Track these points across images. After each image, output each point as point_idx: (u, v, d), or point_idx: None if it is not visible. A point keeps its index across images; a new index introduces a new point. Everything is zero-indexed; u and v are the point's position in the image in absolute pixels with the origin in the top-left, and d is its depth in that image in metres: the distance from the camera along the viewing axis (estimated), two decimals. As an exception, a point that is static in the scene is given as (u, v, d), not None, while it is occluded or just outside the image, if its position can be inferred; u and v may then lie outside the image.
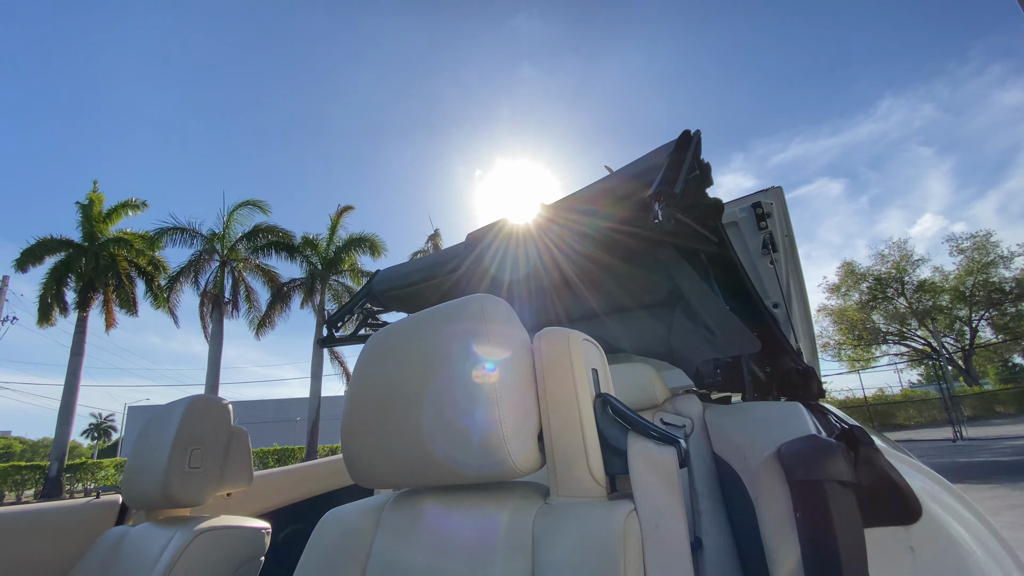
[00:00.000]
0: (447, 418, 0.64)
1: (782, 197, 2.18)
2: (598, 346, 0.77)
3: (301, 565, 0.77)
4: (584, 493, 0.64)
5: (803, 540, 0.38)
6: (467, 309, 0.70)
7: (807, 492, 0.39)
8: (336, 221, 18.33)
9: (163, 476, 1.18)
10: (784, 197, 2.20)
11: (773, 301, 2.52)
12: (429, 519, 0.71)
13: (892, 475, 0.40)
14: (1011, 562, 0.44)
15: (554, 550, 0.57)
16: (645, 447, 0.63)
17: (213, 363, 16.81)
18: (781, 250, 2.28)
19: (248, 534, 1.19)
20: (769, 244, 2.24)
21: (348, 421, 0.76)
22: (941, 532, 0.40)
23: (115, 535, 1.28)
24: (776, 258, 2.29)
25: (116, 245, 16.19)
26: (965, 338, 26.64)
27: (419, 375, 0.69)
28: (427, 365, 0.69)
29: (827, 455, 0.40)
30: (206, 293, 17.05)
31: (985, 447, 10.37)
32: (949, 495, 0.49)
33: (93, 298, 16.07)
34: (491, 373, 0.63)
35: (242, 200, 17.48)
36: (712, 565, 1.13)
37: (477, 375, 0.63)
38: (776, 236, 2.24)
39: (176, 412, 1.28)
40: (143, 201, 17.09)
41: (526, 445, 0.64)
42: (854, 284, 28.11)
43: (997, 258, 24.71)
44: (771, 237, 2.23)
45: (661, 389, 1.49)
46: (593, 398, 0.69)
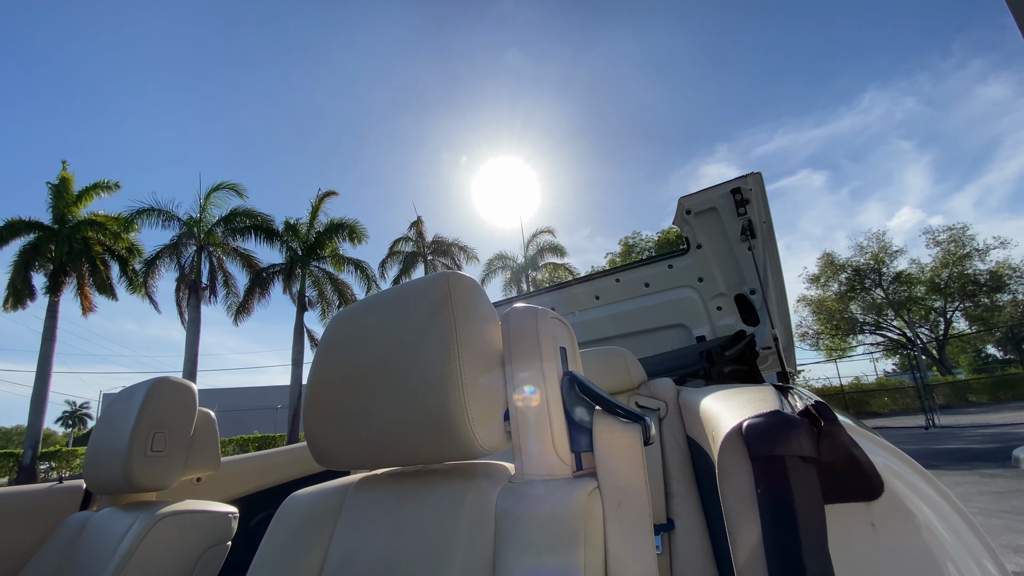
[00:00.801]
0: (411, 398, 0.63)
1: (761, 183, 2.18)
2: (567, 325, 0.76)
3: (262, 548, 0.75)
4: (549, 471, 0.64)
5: (764, 516, 0.37)
6: (433, 286, 0.68)
7: (769, 468, 0.38)
8: (317, 206, 18.02)
9: (124, 460, 1.14)
10: (763, 183, 2.20)
11: (750, 287, 2.50)
12: (393, 500, 0.70)
13: (854, 451, 0.39)
14: (973, 537, 0.45)
15: (516, 527, 0.57)
16: (610, 425, 0.63)
17: (190, 349, 16.51)
18: (759, 236, 2.28)
19: (214, 518, 1.15)
20: (748, 231, 2.23)
21: (311, 402, 0.74)
22: (902, 508, 0.40)
23: (77, 520, 1.25)
24: (754, 244, 2.29)
25: (89, 227, 15.70)
26: (939, 329, 27.34)
27: (383, 354, 0.67)
28: (391, 344, 0.67)
29: (789, 430, 0.39)
30: (182, 278, 16.69)
31: (956, 435, 10.65)
32: (913, 472, 0.48)
33: (64, 282, 15.60)
34: (457, 351, 0.62)
35: (219, 182, 17.08)
36: (684, 545, 1.16)
37: (442, 354, 0.62)
38: (755, 222, 2.24)
39: (138, 394, 1.23)
40: (115, 182, 16.50)
41: (492, 424, 0.64)
42: (833, 275, 28.59)
43: (973, 251, 25.31)
44: (750, 224, 2.23)
45: (637, 372, 1.52)
46: (560, 376, 0.68)
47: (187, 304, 16.73)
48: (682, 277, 2.66)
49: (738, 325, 2.66)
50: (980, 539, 0.46)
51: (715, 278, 2.57)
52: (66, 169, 15.91)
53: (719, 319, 2.68)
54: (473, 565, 0.57)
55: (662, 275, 2.68)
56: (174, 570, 1.06)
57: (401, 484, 0.72)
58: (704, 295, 2.67)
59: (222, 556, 1.16)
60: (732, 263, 2.48)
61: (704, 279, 2.61)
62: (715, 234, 2.41)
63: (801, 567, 0.35)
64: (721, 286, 2.58)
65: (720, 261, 2.51)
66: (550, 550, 0.53)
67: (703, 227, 2.40)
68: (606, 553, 0.56)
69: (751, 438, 0.41)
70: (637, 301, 2.84)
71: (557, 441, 0.64)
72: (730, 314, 2.64)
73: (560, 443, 0.65)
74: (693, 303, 2.70)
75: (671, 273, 2.65)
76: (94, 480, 1.25)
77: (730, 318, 2.65)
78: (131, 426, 1.17)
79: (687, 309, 2.73)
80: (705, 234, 2.43)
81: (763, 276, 2.35)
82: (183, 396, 1.30)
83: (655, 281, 2.73)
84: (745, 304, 2.56)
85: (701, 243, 2.46)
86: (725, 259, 2.49)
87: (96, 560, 1.07)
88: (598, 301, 2.92)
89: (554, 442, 0.64)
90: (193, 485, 1.51)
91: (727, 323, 2.67)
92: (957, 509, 0.48)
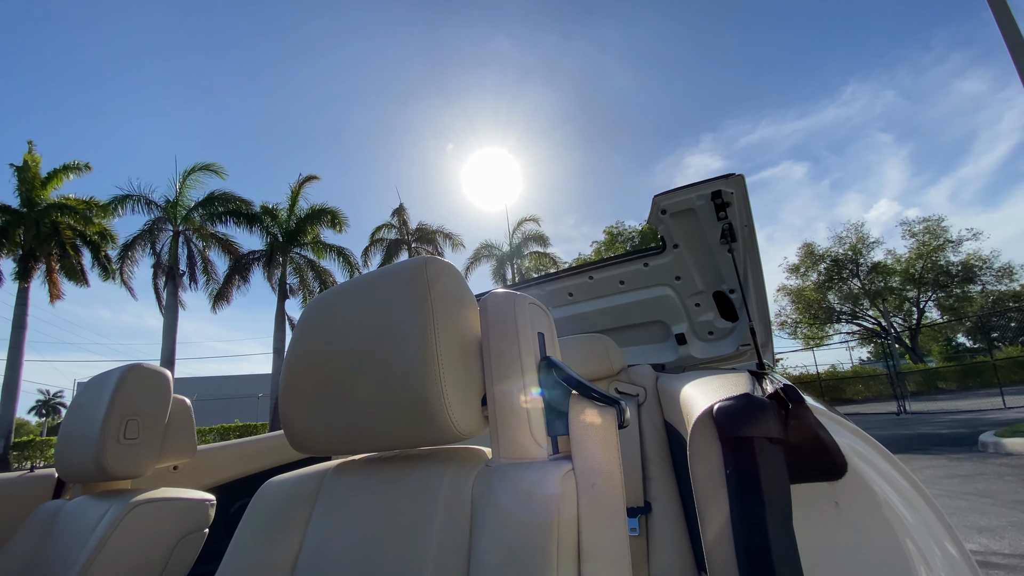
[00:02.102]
0: (389, 383, 0.63)
1: (743, 186, 2.10)
2: (546, 310, 0.76)
3: (238, 533, 0.75)
4: (525, 455, 0.64)
5: (732, 494, 0.39)
6: (411, 271, 0.67)
7: (737, 448, 0.40)
8: (297, 191, 17.67)
9: (96, 448, 1.12)
10: (746, 185, 2.10)
11: (729, 287, 2.50)
12: (370, 485, 0.70)
13: (820, 433, 0.41)
14: (933, 516, 0.47)
15: (491, 510, 0.58)
16: (586, 409, 0.64)
17: (168, 337, 16.19)
18: (740, 240, 2.22)
19: (190, 506, 1.15)
20: (728, 234, 2.18)
21: (287, 387, 0.74)
22: (864, 487, 0.42)
23: (50, 509, 1.23)
24: (735, 247, 2.24)
25: (58, 211, 15.15)
26: (912, 318, 28.11)
27: (360, 340, 0.67)
28: (369, 329, 0.67)
29: (758, 413, 0.41)
30: (159, 264, 16.29)
31: (927, 420, 11.00)
32: (876, 454, 0.50)
33: (35, 268, 15.09)
34: (434, 336, 0.62)
35: (195, 164, 16.62)
36: (660, 526, 1.19)
37: (420, 339, 0.62)
38: (736, 226, 2.18)
39: (110, 381, 1.20)
40: (86, 164, 15.91)
41: (469, 409, 0.64)
42: (812, 265, 29.13)
43: (946, 242, 25.97)
44: (730, 228, 2.17)
45: (617, 359, 1.55)
46: (538, 361, 0.69)
47: (164, 291, 16.36)
48: (658, 276, 2.61)
49: (717, 321, 2.67)
50: (940, 519, 0.48)
51: (693, 277, 2.54)
52: (32, 150, 15.28)
53: (697, 315, 2.68)
54: (449, 547, 0.58)
55: (638, 273, 2.63)
56: (150, 557, 1.05)
57: (379, 469, 0.72)
58: (682, 293, 2.65)
59: (199, 543, 1.16)
60: (711, 263, 2.44)
61: (681, 278, 2.57)
62: (693, 235, 2.35)
63: (766, 543, 0.36)
64: (699, 284, 2.56)
65: (698, 261, 2.46)
66: (524, 531, 0.54)
67: (680, 227, 2.33)
68: (579, 534, 0.57)
69: (721, 420, 0.42)
70: (612, 299, 2.78)
71: (533, 425, 0.65)
72: (708, 310, 2.64)
73: (536, 427, 0.65)
74: (671, 300, 2.68)
75: (647, 271, 2.59)
76: (66, 468, 1.22)
77: (708, 314, 2.66)
78: (103, 413, 1.15)
79: (664, 306, 2.71)
80: (682, 234, 2.36)
81: (743, 278, 2.34)
82: (157, 383, 1.27)
83: (630, 279, 2.68)
84: (724, 300, 2.56)
85: (678, 243, 2.40)
86: (703, 259, 2.45)
87: (69, 548, 1.05)
88: (571, 298, 2.86)
89: (530, 426, 0.65)
90: (170, 473, 1.49)
91: (706, 319, 2.68)
92: (919, 490, 0.50)
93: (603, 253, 24.89)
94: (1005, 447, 5.91)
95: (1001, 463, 5.34)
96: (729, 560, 0.39)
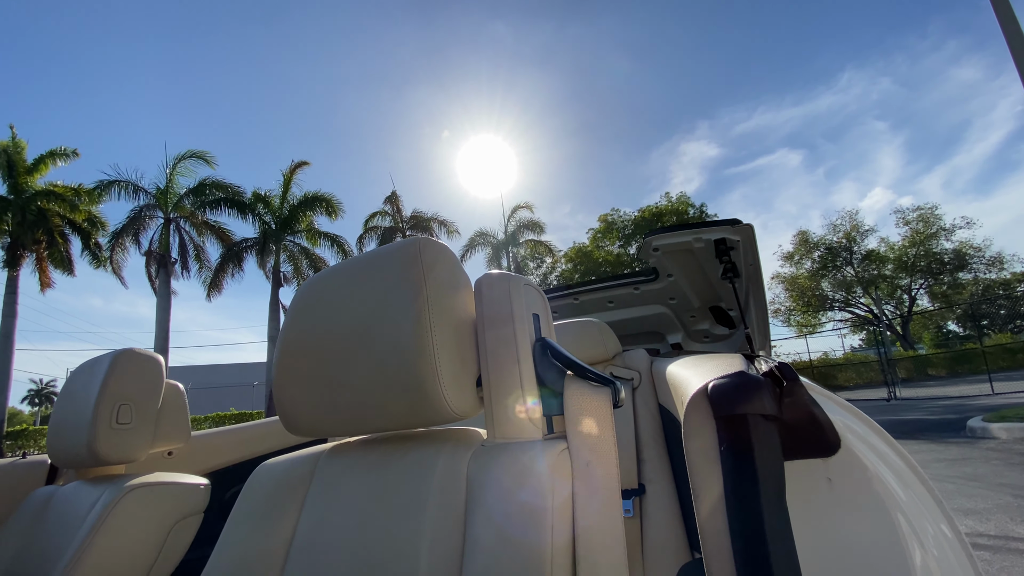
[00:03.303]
0: (383, 364, 0.62)
1: (752, 234, 1.96)
2: (541, 292, 0.76)
3: (232, 516, 0.75)
4: (520, 435, 0.65)
5: (726, 472, 0.40)
6: (404, 252, 0.67)
7: (732, 426, 0.40)
8: (289, 178, 17.48)
9: (88, 433, 1.11)
10: (755, 233, 1.96)
11: (727, 306, 2.48)
12: (365, 466, 0.70)
13: (814, 410, 0.41)
14: (927, 494, 0.48)
15: (486, 489, 0.58)
16: (581, 389, 0.64)
17: (161, 326, 16.09)
18: (744, 276, 2.13)
19: (185, 490, 1.14)
20: (730, 272, 2.09)
21: (280, 370, 0.73)
22: (857, 463, 0.42)
23: (43, 495, 1.23)
24: (738, 282, 2.15)
25: (45, 198, 14.90)
26: (904, 305, 28.38)
27: (353, 321, 0.67)
28: (361, 310, 0.67)
29: (753, 390, 0.41)
30: (151, 252, 16.12)
31: (916, 406, 11.16)
32: (871, 431, 0.50)
33: (23, 256, 14.90)
34: (428, 317, 0.62)
35: (185, 151, 16.38)
36: (654, 508, 1.20)
37: (413, 319, 0.61)
38: (739, 265, 2.08)
39: (101, 366, 1.20)
40: (73, 150, 15.62)
41: (464, 389, 0.64)
42: (807, 253, 29.28)
43: (939, 230, 26.13)
44: (733, 267, 2.07)
45: (612, 344, 1.54)
46: (533, 342, 0.69)
47: (156, 279, 16.22)
48: (651, 298, 2.53)
49: (714, 328, 2.64)
50: (934, 497, 0.48)
51: (688, 299, 2.47)
52: (15, 136, 14.99)
53: (693, 325, 2.67)
54: (444, 527, 0.58)
55: (628, 295, 2.54)
56: (145, 541, 1.05)
57: (373, 450, 0.72)
58: (677, 310, 2.59)
59: (194, 527, 1.16)
60: (708, 289, 2.35)
61: (676, 299, 2.51)
62: (690, 269, 2.24)
63: (760, 518, 0.36)
64: (695, 303, 2.50)
65: (694, 286, 2.38)
66: (518, 510, 0.54)
67: (675, 262, 2.22)
68: (574, 512, 0.57)
69: (716, 398, 0.42)
70: (602, 315, 2.68)
71: (529, 405, 0.66)
72: (704, 320, 2.62)
73: (531, 407, 0.66)
74: (665, 316, 2.63)
75: (638, 294, 2.51)
76: (58, 454, 1.22)
77: (704, 323, 2.64)
78: (94, 398, 1.14)
79: (660, 321, 2.65)
80: (677, 267, 2.26)
81: (744, 305, 2.27)
82: (149, 368, 1.26)
83: (620, 300, 2.59)
84: (720, 312, 2.53)
85: (672, 274, 2.30)
86: (700, 285, 2.35)
87: (63, 533, 1.05)
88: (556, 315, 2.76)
89: (526, 406, 0.65)
90: (165, 459, 1.49)
91: (702, 328, 2.67)
92: (913, 468, 0.50)
93: (599, 240, 24.86)
94: (992, 432, 6.00)
95: (988, 447, 5.43)
96: (723, 535, 0.39)
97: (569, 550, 0.55)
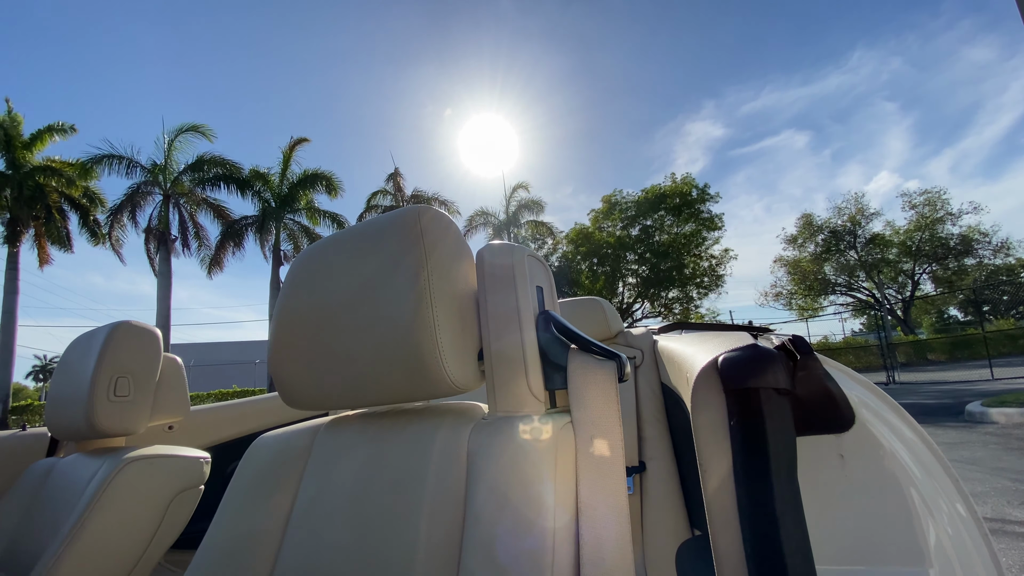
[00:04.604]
0: (382, 336, 0.61)
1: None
2: (545, 264, 0.75)
3: (231, 488, 0.75)
4: (522, 409, 0.64)
5: (735, 447, 0.39)
6: (402, 220, 0.65)
7: (742, 400, 0.39)
8: (288, 155, 17.30)
9: (86, 405, 1.11)
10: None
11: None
12: (364, 439, 0.69)
13: (828, 384, 0.40)
14: (942, 472, 0.46)
15: (487, 462, 0.57)
16: (585, 362, 0.63)
17: (162, 303, 16.15)
18: None
19: (184, 462, 1.14)
20: None
21: (277, 342, 0.72)
22: (871, 440, 0.41)
23: (43, 467, 1.24)
24: None
25: (43, 174, 14.80)
26: (906, 290, 28.30)
27: (351, 291, 0.65)
28: (360, 280, 0.65)
29: (765, 364, 0.39)
30: (150, 229, 16.07)
31: (914, 390, 11.19)
32: (886, 407, 0.49)
33: (23, 232, 14.87)
34: (428, 287, 0.60)
35: (183, 124, 16.16)
36: (655, 485, 1.21)
37: (413, 289, 0.60)
38: None
39: (98, 338, 1.19)
40: (71, 125, 15.42)
41: (465, 362, 0.63)
42: (810, 236, 29.08)
43: (946, 215, 25.88)
44: None
45: (615, 322, 1.53)
46: (536, 315, 0.67)
47: (156, 256, 16.21)
48: None
49: None
50: (949, 474, 0.46)
51: None
52: (11, 109, 14.81)
53: None
54: (444, 500, 0.57)
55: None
56: (144, 514, 1.06)
57: (373, 424, 0.71)
58: None
59: (194, 501, 1.16)
60: None
61: None
62: None
63: (770, 494, 0.36)
64: None
65: None
66: (520, 483, 0.54)
67: None
68: (577, 486, 0.57)
69: (726, 371, 0.40)
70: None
71: (531, 379, 0.64)
72: None
73: (534, 381, 0.65)
74: None
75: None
76: (57, 426, 1.22)
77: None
78: (91, 370, 1.13)
79: None
80: None
81: None
82: (146, 340, 1.25)
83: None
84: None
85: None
86: None
87: (62, 504, 1.05)
88: None
89: (528, 380, 0.64)
90: (165, 433, 1.49)
91: None
92: (929, 446, 0.48)
93: (600, 221, 24.70)
94: (991, 416, 6.01)
95: (986, 432, 5.44)
96: (730, 511, 0.38)
97: (572, 524, 0.55)
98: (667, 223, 23.14)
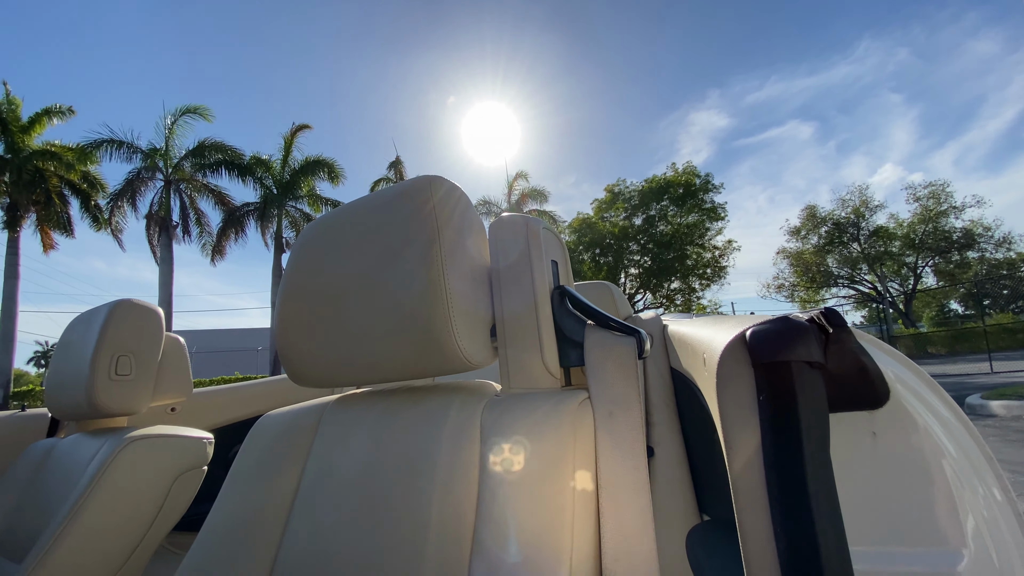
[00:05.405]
0: (393, 310, 0.59)
1: None
2: (559, 237, 0.73)
3: (235, 465, 0.73)
4: (537, 385, 0.63)
5: (764, 423, 0.37)
6: (414, 190, 0.62)
7: (772, 374, 0.37)
8: (290, 141, 17.16)
9: (87, 384, 1.09)
10: None
11: None
12: (373, 416, 0.67)
13: (863, 358, 0.38)
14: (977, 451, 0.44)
15: (502, 439, 0.56)
16: (603, 338, 0.61)
17: (164, 290, 16.15)
18: None
19: (187, 443, 1.13)
20: None
21: (283, 317, 0.70)
22: (906, 417, 0.40)
23: (43, 447, 1.22)
24: None
25: (42, 158, 14.70)
26: (908, 283, 28.21)
27: (361, 264, 0.63)
28: (370, 253, 0.63)
29: (796, 335, 0.37)
30: (151, 215, 16.02)
31: (914, 383, 11.19)
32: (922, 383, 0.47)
33: (24, 217, 14.81)
34: (440, 260, 0.58)
35: (184, 106, 15.98)
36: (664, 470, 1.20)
37: (425, 262, 0.58)
38: None
39: (98, 317, 1.17)
40: (69, 107, 15.25)
41: (477, 337, 0.62)
42: (814, 228, 28.91)
43: (950, 208, 25.71)
44: None
45: (624, 306, 1.51)
46: (551, 289, 0.66)
47: (158, 243, 16.18)
48: None
49: None
50: (984, 455, 0.44)
51: None
52: (9, 92, 14.66)
53: None
54: (456, 478, 0.56)
55: None
56: (146, 493, 1.04)
57: (382, 400, 0.69)
58: None
59: (197, 481, 1.14)
60: None
61: None
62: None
63: (803, 471, 0.35)
64: None
65: None
66: (538, 459, 0.52)
67: None
68: (596, 463, 0.56)
69: (755, 344, 0.38)
70: None
71: (546, 355, 0.63)
72: None
73: (549, 356, 0.63)
74: None
75: None
76: (57, 406, 1.21)
77: None
78: (92, 349, 1.11)
79: None
80: None
81: None
82: (148, 319, 1.23)
83: None
84: None
85: None
86: None
87: (63, 483, 1.04)
88: None
89: (543, 355, 0.63)
90: (168, 414, 1.48)
91: None
92: (965, 424, 0.46)
93: (603, 211, 24.58)
94: (990, 409, 6.03)
95: (986, 424, 5.46)
96: (759, 489, 0.36)
97: (592, 500, 0.53)
98: (670, 213, 23.01)
